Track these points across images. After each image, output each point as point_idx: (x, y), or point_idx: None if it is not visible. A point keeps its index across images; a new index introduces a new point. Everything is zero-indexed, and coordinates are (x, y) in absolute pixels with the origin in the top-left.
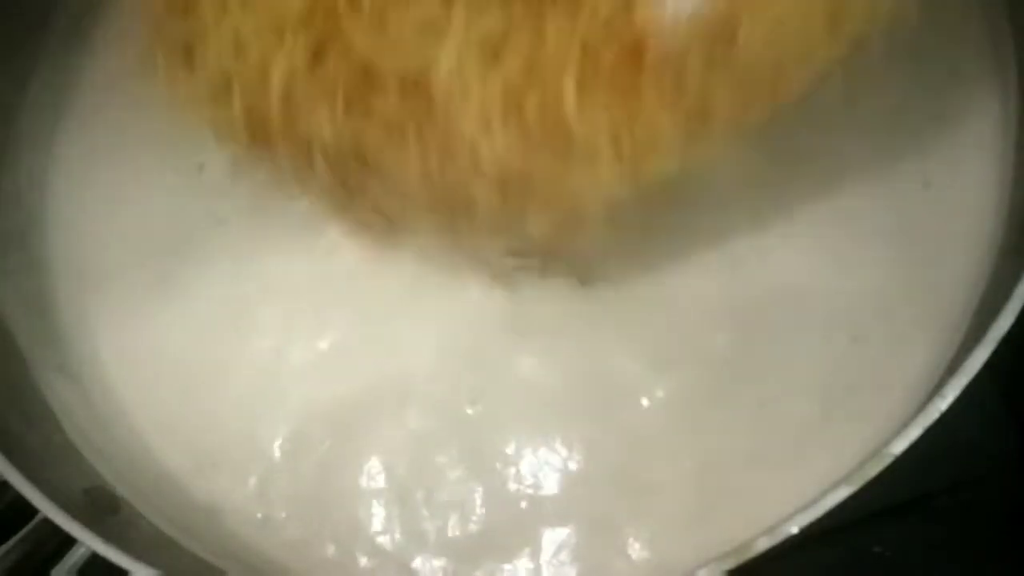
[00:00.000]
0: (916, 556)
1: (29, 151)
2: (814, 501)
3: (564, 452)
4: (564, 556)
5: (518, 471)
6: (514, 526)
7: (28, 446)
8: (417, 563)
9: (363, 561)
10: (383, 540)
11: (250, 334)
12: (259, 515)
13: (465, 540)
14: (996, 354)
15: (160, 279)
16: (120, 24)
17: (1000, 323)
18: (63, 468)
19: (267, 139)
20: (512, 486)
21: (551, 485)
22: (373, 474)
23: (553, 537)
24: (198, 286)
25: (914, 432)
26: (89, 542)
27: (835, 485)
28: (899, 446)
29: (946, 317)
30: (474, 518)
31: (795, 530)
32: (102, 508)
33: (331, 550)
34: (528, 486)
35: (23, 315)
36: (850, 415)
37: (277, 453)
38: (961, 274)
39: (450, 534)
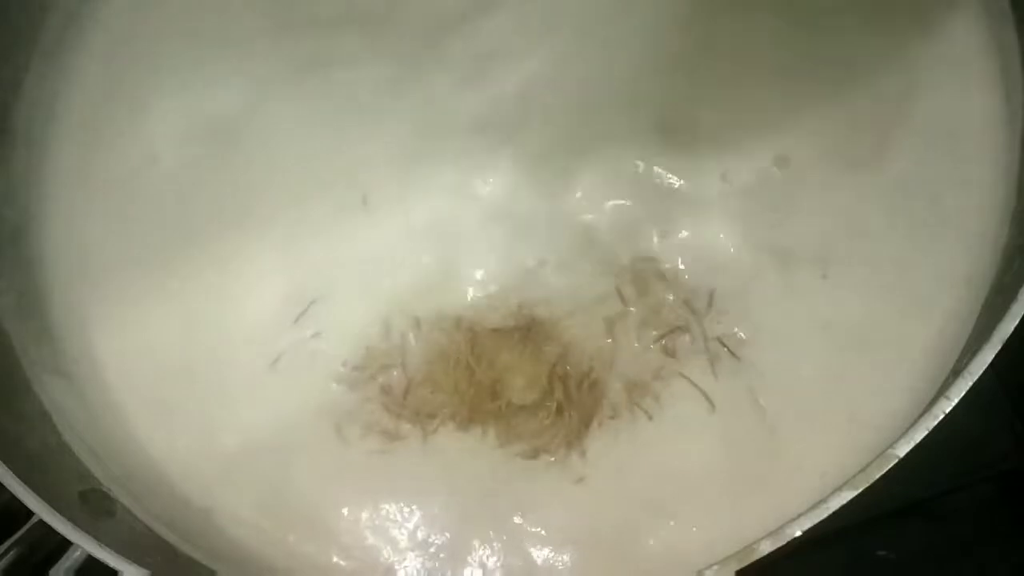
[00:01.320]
0: (920, 559)
1: (23, 149)
2: (818, 503)
3: None
4: None
5: None
6: None
7: (23, 448)
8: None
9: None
10: (368, 541)
11: (246, 333)
12: (250, 515)
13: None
14: (1001, 356)
15: (155, 277)
16: (115, 24)
17: (1005, 325)
18: (58, 471)
19: None
20: None
21: None
22: None
23: None
24: (194, 285)
25: (918, 434)
26: (84, 544)
27: (839, 487)
28: (903, 448)
29: (951, 318)
30: None
31: (799, 532)
32: (97, 510)
33: (317, 550)
34: None
35: (17, 314)
36: (854, 417)
37: (271, 454)
38: (966, 275)
39: None
